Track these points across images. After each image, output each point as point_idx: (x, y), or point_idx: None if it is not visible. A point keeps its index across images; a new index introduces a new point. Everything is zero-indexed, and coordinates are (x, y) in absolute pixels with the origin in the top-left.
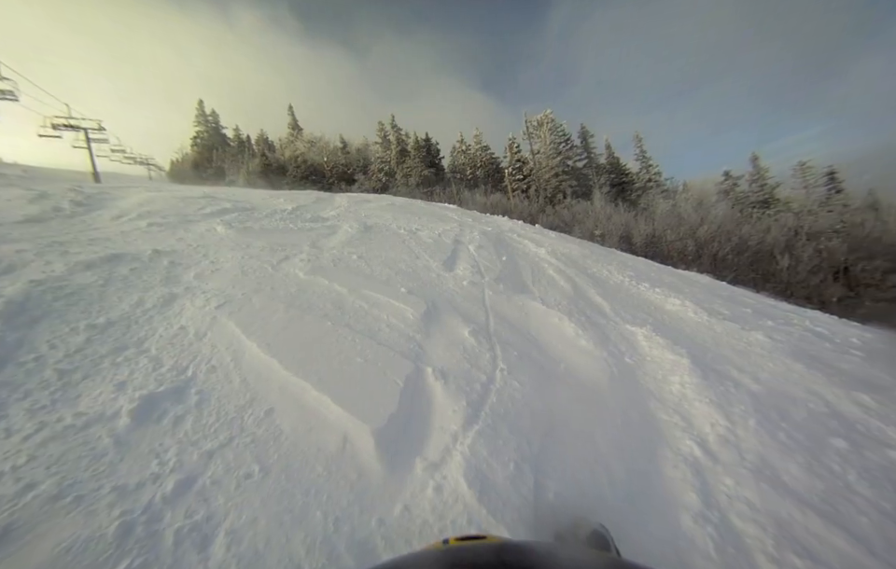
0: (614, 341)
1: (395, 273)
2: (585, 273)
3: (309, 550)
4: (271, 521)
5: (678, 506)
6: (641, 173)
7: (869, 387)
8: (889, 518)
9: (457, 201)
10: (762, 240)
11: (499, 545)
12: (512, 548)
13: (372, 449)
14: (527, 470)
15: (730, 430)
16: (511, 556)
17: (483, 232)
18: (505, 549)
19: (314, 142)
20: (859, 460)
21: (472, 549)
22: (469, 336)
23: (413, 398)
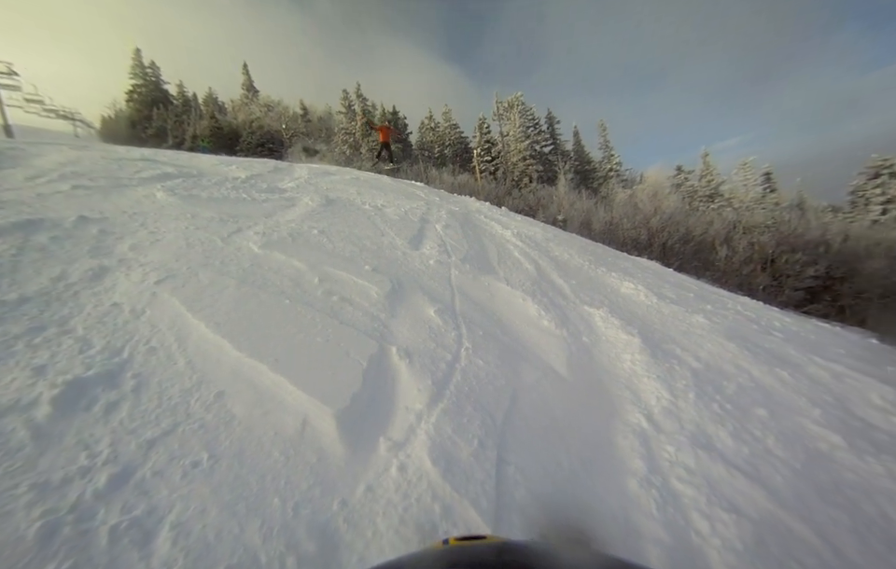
0: (573, 322)
1: (359, 250)
2: (548, 256)
3: (266, 538)
4: (222, 511)
5: (626, 472)
6: (604, 163)
7: (786, 364)
8: (798, 474)
9: (425, 179)
10: (705, 231)
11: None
12: (513, 549)
13: (334, 430)
14: (490, 445)
15: (673, 403)
16: (511, 556)
17: (451, 212)
18: (505, 549)
19: (271, 106)
20: (776, 426)
21: (472, 549)
22: (435, 315)
23: (376, 378)
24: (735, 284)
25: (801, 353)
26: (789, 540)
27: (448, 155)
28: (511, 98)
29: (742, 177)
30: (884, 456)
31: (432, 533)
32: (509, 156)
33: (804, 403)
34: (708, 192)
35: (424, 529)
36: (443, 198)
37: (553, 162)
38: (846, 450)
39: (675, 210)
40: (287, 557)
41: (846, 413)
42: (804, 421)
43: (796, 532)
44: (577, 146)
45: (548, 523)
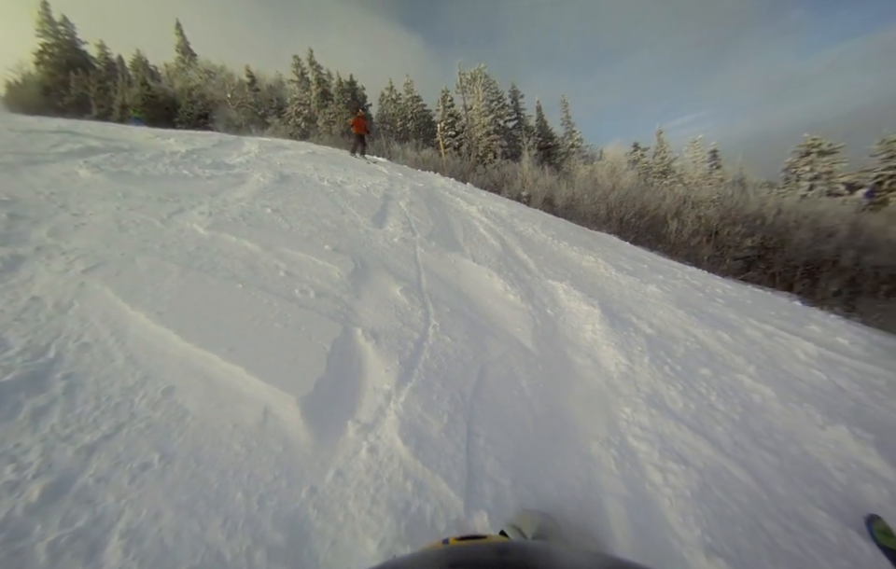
0: (538, 295)
1: (318, 230)
2: (513, 232)
3: (230, 535)
4: (179, 512)
5: (588, 435)
6: (566, 139)
7: (726, 326)
8: (736, 425)
9: (387, 154)
10: (658, 206)
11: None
12: (513, 548)
13: (299, 418)
14: (460, 420)
15: (629, 368)
16: (511, 556)
17: (415, 188)
18: (505, 549)
19: (212, 73)
20: (718, 383)
21: (472, 549)
22: (401, 294)
23: (342, 362)
24: (683, 255)
25: (739, 317)
26: (729, 483)
27: (411, 129)
28: (475, 70)
29: (692, 155)
30: (805, 404)
31: (405, 510)
32: (473, 130)
33: (741, 361)
34: (662, 169)
35: (396, 507)
36: (407, 174)
37: (517, 138)
38: (775, 400)
39: (631, 186)
40: (255, 551)
41: (776, 368)
42: (741, 377)
43: (735, 475)
44: (540, 122)
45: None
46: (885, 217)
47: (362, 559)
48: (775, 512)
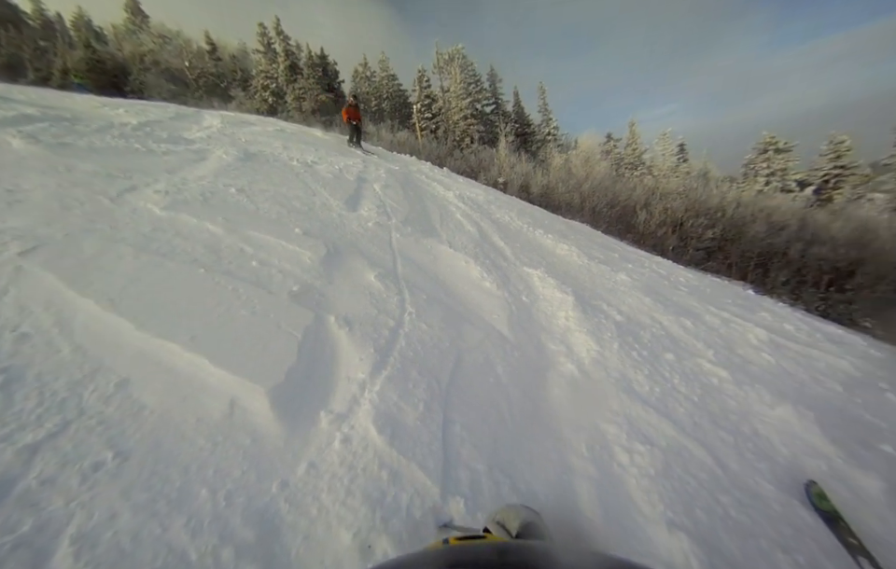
0: (514, 282)
1: (287, 212)
2: (490, 219)
3: (194, 534)
4: (137, 513)
5: (560, 418)
6: (542, 126)
7: (689, 313)
8: (696, 406)
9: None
10: (629, 197)
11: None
12: (513, 548)
13: (268, 409)
14: (436, 408)
15: (600, 353)
16: (511, 556)
17: (390, 171)
18: (505, 549)
19: (167, 38)
20: (680, 367)
21: (472, 549)
22: (376, 280)
23: (314, 350)
24: (650, 245)
25: (700, 304)
26: (688, 461)
27: (386, 109)
28: (452, 50)
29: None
30: (757, 385)
31: (381, 500)
32: (450, 114)
33: (701, 346)
34: (633, 160)
35: (372, 498)
36: (382, 156)
37: (494, 123)
38: (730, 382)
39: (604, 176)
40: (222, 549)
41: (731, 352)
42: (700, 361)
43: (694, 453)
44: (517, 108)
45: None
46: (829, 214)
47: (336, 552)
48: (729, 486)
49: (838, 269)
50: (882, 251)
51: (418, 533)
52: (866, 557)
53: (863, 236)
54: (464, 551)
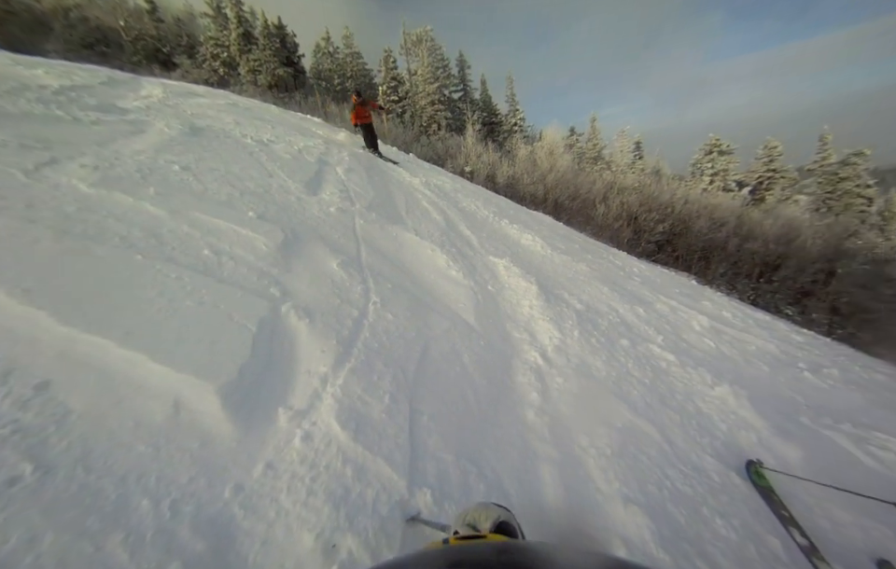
0: (480, 271)
1: (240, 194)
2: (456, 207)
3: (134, 551)
4: (63, 532)
5: (524, 404)
6: (509, 117)
7: (641, 302)
8: (648, 388)
9: (323, 114)
10: (589, 190)
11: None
12: (513, 548)
13: (219, 409)
14: (402, 399)
15: (562, 341)
16: (511, 556)
17: (354, 154)
18: (505, 549)
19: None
20: (634, 352)
21: (472, 549)
22: (339, 268)
23: (271, 343)
24: (607, 237)
25: (651, 293)
26: (641, 440)
27: (350, 89)
28: (420, 31)
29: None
30: (700, 368)
31: (345, 498)
32: (417, 98)
33: (652, 332)
34: (594, 155)
35: (335, 496)
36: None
37: (462, 110)
38: (677, 365)
39: (567, 169)
40: (169, 564)
41: (678, 338)
42: (651, 346)
43: (646, 432)
44: (484, 97)
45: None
46: (762, 213)
47: (298, 555)
48: (675, 461)
49: (767, 262)
50: (803, 248)
51: (385, 528)
52: (795, 527)
53: (789, 233)
54: (464, 551)
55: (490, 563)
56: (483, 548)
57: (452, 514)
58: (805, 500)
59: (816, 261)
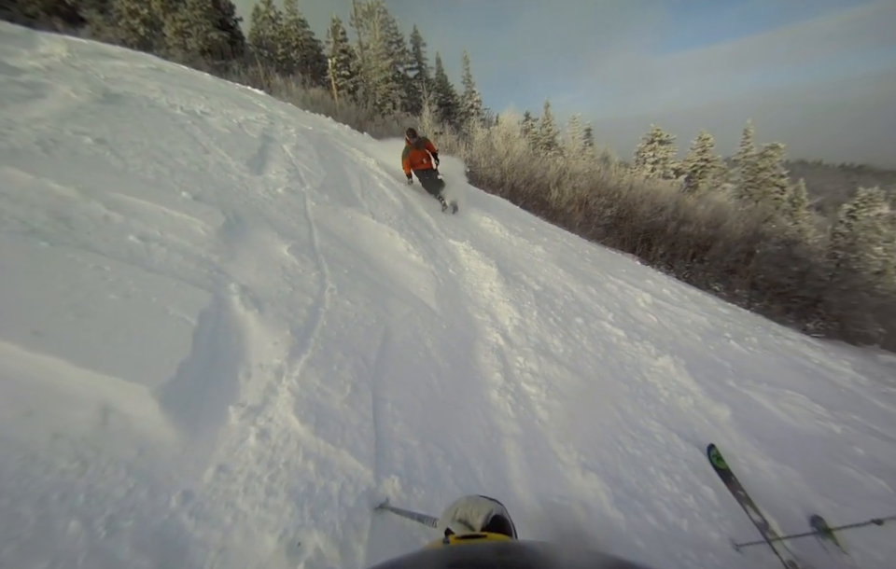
0: (440, 255)
1: (170, 172)
2: (413, 188)
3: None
4: None
5: (487, 384)
6: (466, 98)
7: (593, 282)
8: (600, 362)
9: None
10: (543, 175)
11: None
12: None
13: (157, 412)
14: (365, 388)
15: (521, 321)
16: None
17: (303, 130)
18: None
19: None
20: (587, 328)
21: (472, 549)
22: (290, 254)
23: (215, 337)
24: (561, 220)
25: (602, 274)
26: (596, 410)
27: (296, 60)
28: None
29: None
30: (645, 341)
31: (308, 493)
32: (370, 74)
33: (603, 310)
34: (547, 140)
35: (298, 493)
36: (292, 113)
37: (417, 89)
38: (626, 340)
39: (523, 154)
40: None
41: (626, 315)
42: (603, 323)
43: (600, 403)
44: (440, 76)
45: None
46: (695, 199)
47: (260, 559)
48: (626, 427)
49: (699, 244)
50: (729, 230)
51: (353, 520)
52: (751, 505)
53: (717, 217)
54: (464, 551)
55: (490, 563)
56: (482, 548)
57: (421, 499)
58: (731, 451)
59: (739, 243)
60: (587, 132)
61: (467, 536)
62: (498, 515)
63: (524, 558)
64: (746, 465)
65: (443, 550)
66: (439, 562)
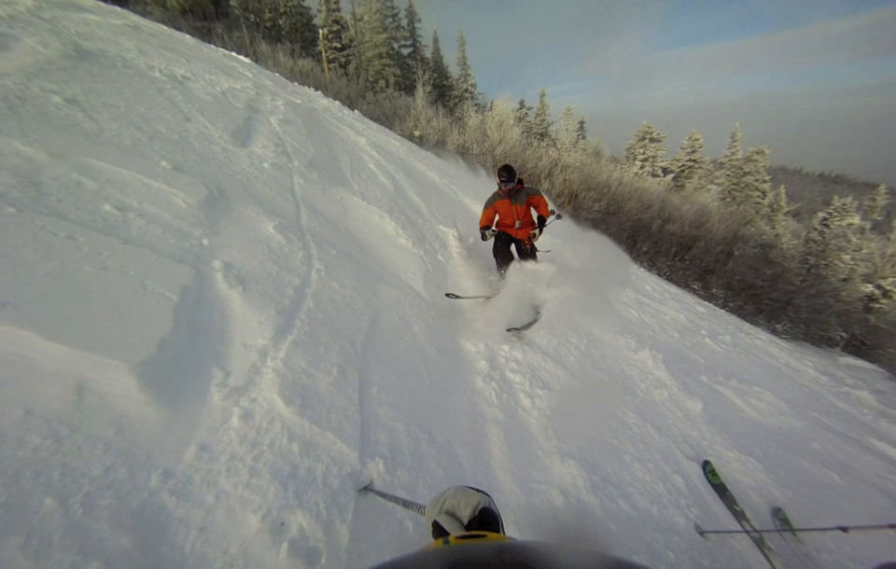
0: (429, 240)
1: (149, 138)
2: (405, 172)
3: (38, 556)
4: None
5: (473, 372)
6: (460, 81)
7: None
8: (583, 354)
9: (252, 53)
10: (535, 165)
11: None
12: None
13: (136, 390)
14: (351, 371)
15: None
16: (511, 555)
17: (291, 104)
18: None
19: None
20: (571, 321)
21: (472, 548)
22: (276, 232)
23: (196, 314)
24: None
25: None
26: (576, 400)
27: (284, 27)
28: None
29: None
30: (626, 335)
31: (293, 474)
32: (363, 48)
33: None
34: (541, 131)
35: (282, 474)
36: (279, 84)
37: (411, 68)
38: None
39: (515, 143)
40: (86, 565)
41: (611, 307)
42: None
43: (580, 393)
44: (436, 56)
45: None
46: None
47: (243, 537)
48: (603, 416)
49: (682, 243)
50: (711, 231)
51: (337, 501)
52: (746, 521)
53: (701, 218)
54: (464, 551)
55: (489, 563)
56: (482, 547)
57: (405, 481)
58: (700, 442)
59: (719, 244)
60: (580, 125)
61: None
62: (486, 507)
63: (524, 558)
64: (714, 456)
65: (444, 550)
66: (439, 562)
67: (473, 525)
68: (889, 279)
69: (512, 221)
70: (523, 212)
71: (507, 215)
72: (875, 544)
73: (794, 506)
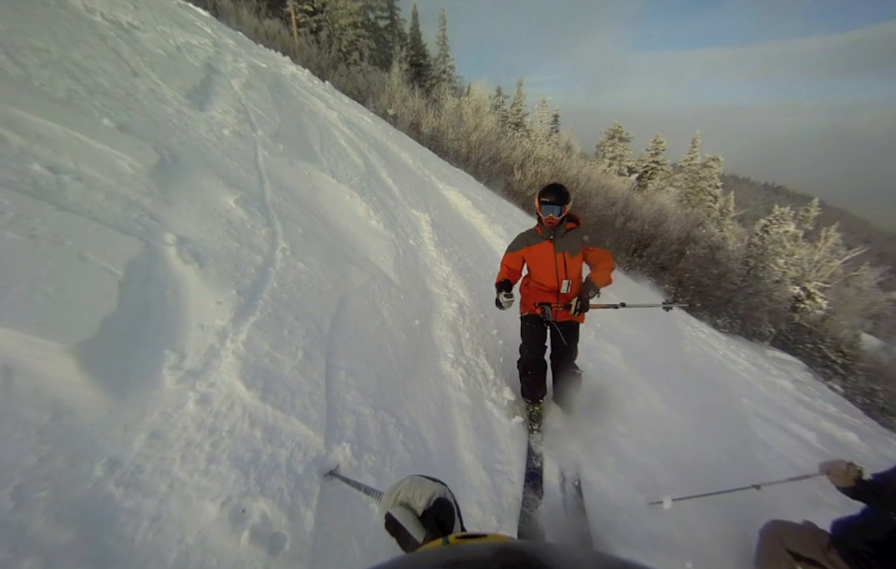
0: (401, 223)
1: (88, 92)
2: (378, 152)
3: None
4: None
5: (441, 356)
6: (438, 62)
7: None
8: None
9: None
10: (509, 155)
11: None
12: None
13: (75, 373)
14: (318, 355)
15: (478, 298)
16: (511, 556)
17: (255, 67)
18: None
19: None
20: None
21: (472, 549)
22: (237, 206)
23: (146, 292)
24: (521, 202)
25: None
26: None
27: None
28: None
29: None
30: (597, 323)
31: (254, 461)
32: (336, 15)
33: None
34: (516, 120)
35: (243, 460)
36: (242, 45)
37: (388, 42)
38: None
39: (491, 131)
40: (21, 562)
41: None
42: None
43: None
44: (414, 32)
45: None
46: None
47: (200, 526)
48: None
49: (641, 240)
50: (667, 230)
51: (302, 487)
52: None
53: (659, 217)
54: (464, 551)
55: (489, 563)
56: (482, 547)
57: (371, 465)
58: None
59: (674, 243)
60: (555, 118)
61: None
62: (441, 497)
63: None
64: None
65: (443, 550)
66: (438, 563)
67: (429, 516)
68: (813, 282)
69: (556, 281)
70: (574, 268)
71: (546, 269)
72: (783, 496)
73: (720, 476)
